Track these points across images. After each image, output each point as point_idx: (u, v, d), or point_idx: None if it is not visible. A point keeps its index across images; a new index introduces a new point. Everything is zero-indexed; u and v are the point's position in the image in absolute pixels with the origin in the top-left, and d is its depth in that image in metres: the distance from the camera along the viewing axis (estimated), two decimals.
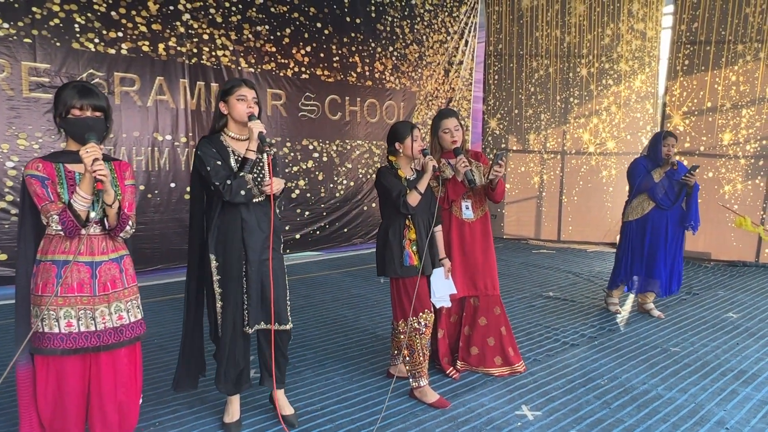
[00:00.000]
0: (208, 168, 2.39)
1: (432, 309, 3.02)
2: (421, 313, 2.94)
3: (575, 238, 8.51)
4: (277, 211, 2.62)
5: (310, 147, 7.15)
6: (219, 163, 2.41)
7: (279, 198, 2.60)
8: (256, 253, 2.50)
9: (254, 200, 2.48)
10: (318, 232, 7.30)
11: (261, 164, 2.53)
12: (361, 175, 7.70)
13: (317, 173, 7.24)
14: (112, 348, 2.19)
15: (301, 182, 7.08)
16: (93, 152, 2.03)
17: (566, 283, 5.91)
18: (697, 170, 4.38)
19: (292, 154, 6.97)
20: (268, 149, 2.36)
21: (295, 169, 7.03)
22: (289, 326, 2.62)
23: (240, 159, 2.45)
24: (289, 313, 2.64)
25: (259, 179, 2.49)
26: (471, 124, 8.99)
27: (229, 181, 2.36)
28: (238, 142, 2.52)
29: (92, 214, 2.11)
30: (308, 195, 7.16)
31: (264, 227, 2.51)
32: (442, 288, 3.05)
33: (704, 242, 7.09)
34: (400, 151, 2.93)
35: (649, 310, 4.64)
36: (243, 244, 2.47)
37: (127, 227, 2.21)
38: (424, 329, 2.94)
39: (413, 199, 2.86)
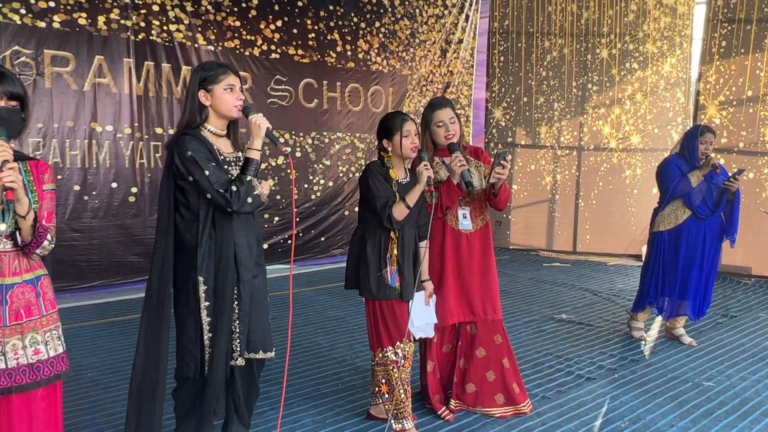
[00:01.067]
0: (207, 172, 2.33)
1: (412, 338, 3.01)
2: (398, 342, 2.92)
3: (594, 250, 8.49)
4: (256, 219, 2.62)
5: (281, 140, 7.10)
6: (215, 164, 2.36)
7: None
8: (249, 271, 2.50)
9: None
10: (290, 242, 7.25)
11: (241, 163, 2.51)
12: (341, 174, 7.66)
13: (289, 171, 7.16)
14: (26, 389, 2.11)
15: (270, 182, 7.01)
16: (1, 152, 1.96)
17: (582, 303, 5.88)
18: (742, 174, 4.40)
19: None
20: (286, 149, 2.38)
21: (262, 166, 6.94)
22: (272, 354, 2.63)
23: (224, 160, 2.41)
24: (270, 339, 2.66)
25: None
26: (472, 114, 8.99)
27: (234, 187, 2.32)
28: (219, 138, 2.49)
29: (1, 227, 2.04)
30: (278, 197, 7.11)
31: (251, 240, 2.52)
32: (422, 316, 3.03)
33: (743, 255, 7.11)
34: (389, 148, 2.94)
35: (679, 337, 4.63)
36: (235, 263, 2.46)
37: (45, 242, 2.12)
38: (402, 361, 2.94)
39: (400, 212, 2.85)
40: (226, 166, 2.41)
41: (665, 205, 4.47)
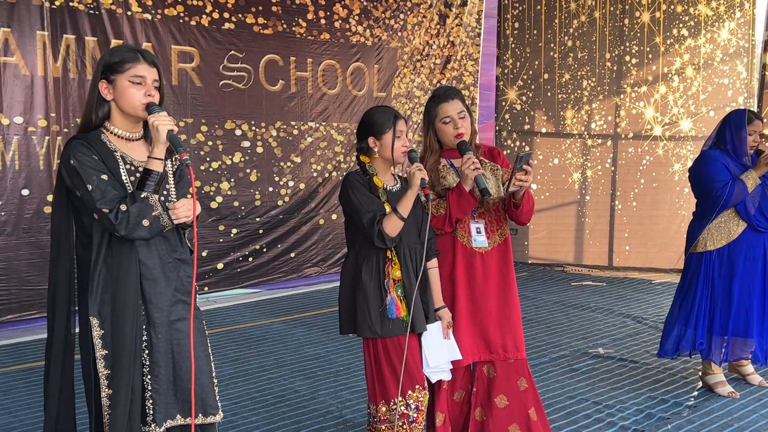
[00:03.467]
0: (89, 187, 2.35)
1: (426, 384, 3.04)
2: (410, 391, 2.94)
3: (635, 264, 8.57)
4: (189, 245, 2.65)
5: (238, 132, 7.13)
6: (105, 177, 2.38)
7: (189, 228, 2.61)
8: (164, 313, 2.50)
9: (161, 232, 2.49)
10: (251, 260, 7.26)
11: (166, 179, 2.54)
12: (315, 174, 7.71)
13: (249, 171, 7.21)
14: None
15: (225, 185, 7.05)
16: None
17: (623, 333, 5.88)
18: None
19: (209, 143, 6.94)
20: (186, 159, 2.36)
21: (214, 165, 6.98)
22: (218, 417, 2.63)
23: (135, 171, 2.44)
24: (217, 398, 2.65)
25: (161, 199, 2.46)
26: (478, 95, 9.07)
27: (124, 206, 2.34)
28: (129, 143, 2.51)
29: None
30: (235, 204, 7.14)
31: (171, 272, 2.53)
32: (440, 353, 3.05)
33: None
34: (375, 150, 2.98)
35: (746, 376, 4.64)
36: (143, 300, 2.47)
37: None
38: (415, 415, 2.94)
39: (392, 226, 2.88)
40: (133, 179, 2.44)
41: (715, 216, 4.34)
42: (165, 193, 2.53)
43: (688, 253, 4.51)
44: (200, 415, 2.57)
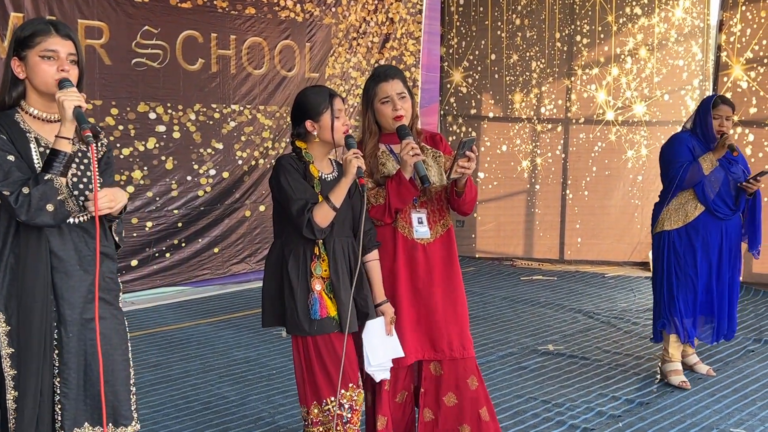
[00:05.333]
0: None
1: (360, 383, 3.10)
2: (343, 391, 2.99)
3: (587, 257, 8.71)
4: (116, 238, 2.66)
5: (152, 116, 7.00)
6: (11, 158, 2.40)
7: (120, 219, 2.61)
8: (76, 310, 2.51)
9: (71, 220, 2.49)
10: (169, 255, 7.15)
11: (86, 161, 2.56)
12: (240, 161, 7.61)
13: (165, 159, 7.08)
14: None
15: (137, 174, 6.90)
16: None
17: (574, 329, 6.04)
18: (762, 174, 4.61)
19: (120, 127, 6.77)
20: (88, 135, 2.35)
21: (126, 152, 6.81)
22: (132, 429, 2.64)
23: (48, 151, 2.44)
24: (133, 407, 2.66)
25: (81, 186, 2.50)
26: (420, 77, 9.08)
27: (26, 189, 2.35)
28: (46, 124, 2.53)
29: None
30: (150, 194, 7.00)
31: (90, 266, 2.52)
32: (381, 350, 3.11)
33: None
34: (314, 133, 3.03)
35: (692, 366, 4.87)
36: (54, 295, 2.48)
37: None
38: (349, 415, 3.01)
39: (323, 216, 2.92)
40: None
41: (671, 197, 4.67)
42: (84, 179, 2.53)
43: (652, 234, 4.84)
44: (111, 425, 2.57)
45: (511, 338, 5.78)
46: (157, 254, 7.07)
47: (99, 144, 2.62)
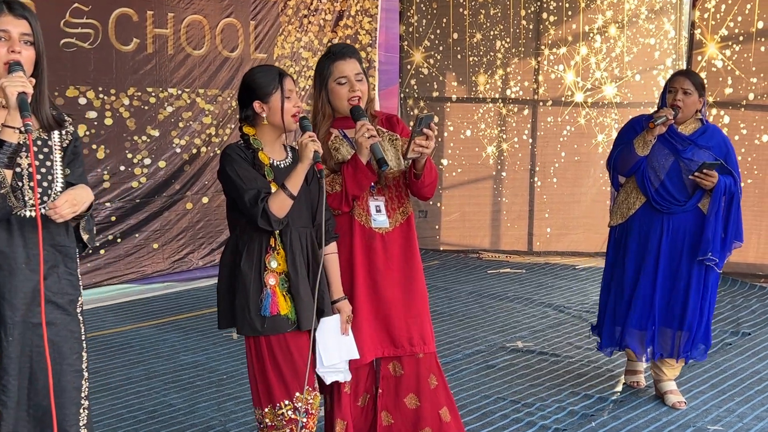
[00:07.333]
0: None
1: (317, 385, 3.14)
2: (298, 393, 3.03)
3: (557, 248, 8.84)
4: (86, 237, 2.67)
5: (82, 101, 6.95)
6: None
7: (88, 215, 2.62)
8: (17, 311, 2.53)
9: (25, 214, 2.52)
10: (103, 252, 7.10)
11: (46, 149, 2.58)
12: (179, 150, 7.57)
13: (96, 147, 7.01)
14: None
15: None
16: None
17: (544, 324, 6.18)
18: (712, 167, 4.17)
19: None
20: (28, 125, 2.35)
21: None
22: None
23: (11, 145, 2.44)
24: (83, 423, 2.68)
25: (39, 177, 2.52)
26: (377, 58, 9.07)
27: None
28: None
29: None
30: None
31: (34, 262, 2.53)
32: (336, 351, 3.15)
33: (757, 250, 7.44)
34: (263, 116, 3.05)
35: (663, 394, 4.50)
36: None
37: None
38: (305, 419, 3.04)
39: (279, 205, 2.93)
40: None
41: (616, 186, 4.53)
42: (44, 170, 2.55)
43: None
44: None
45: (478, 335, 5.86)
46: (89, 251, 7.01)
47: (64, 132, 2.62)
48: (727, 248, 4.38)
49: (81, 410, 2.68)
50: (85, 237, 2.66)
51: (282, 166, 3.09)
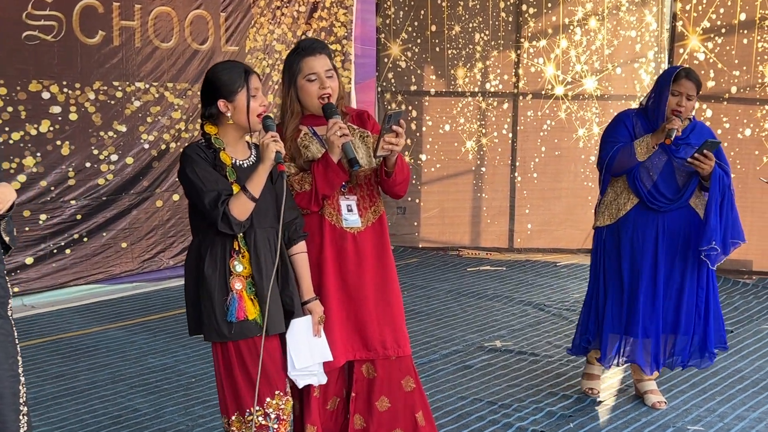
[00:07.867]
0: None
1: (288, 390, 3.12)
2: (269, 399, 3.02)
3: (538, 245, 8.86)
4: (6, 238, 2.64)
5: (46, 95, 6.91)
6: None
7: (9, 216, 2.60)
8: None
9: None
10: (69, 252, 7.06)
11: None
12: (147, 146, 7.52)
13: (60, 143, 6.97)
14: None
15: (29, 161, 6.78)
16: None
17: (524, 323, 6.19)
18: (712, 147, 4.10)
19: (9, 109, 6.67)
20: None
21: (15, 136, 6.71)
22: None
23: None
24: (23, 429, 2.66)
25: None
26: (353, 50, 9.05)
27: None
28: None
29: None
30: (43, 183, 6.89)
31: None
32: (307, 353, 3.13)
33: (741, 246, 7.79)
34: (228, 114, 3.01)
35: (643, 394, 4.51)
36: None
37: None
38: (276, 426, 3.03)
39: (240, 208, 2.91)
40: None
41: (605, 185, 4.41)
42: None
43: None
44: None
45: (456, 335, 5.88)
46: (54, 250, 6.94)
47: None
48: (726, 247, 4.34)
49: (20, 416, 2.66)
50: (6, 238, 2.61)
51: (245, 165, 3.07)
